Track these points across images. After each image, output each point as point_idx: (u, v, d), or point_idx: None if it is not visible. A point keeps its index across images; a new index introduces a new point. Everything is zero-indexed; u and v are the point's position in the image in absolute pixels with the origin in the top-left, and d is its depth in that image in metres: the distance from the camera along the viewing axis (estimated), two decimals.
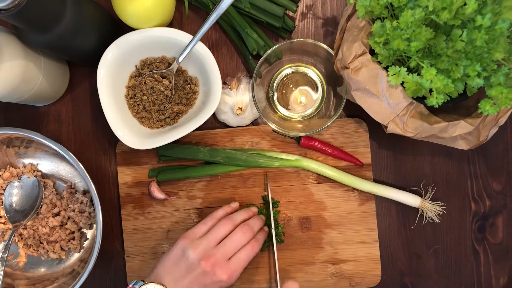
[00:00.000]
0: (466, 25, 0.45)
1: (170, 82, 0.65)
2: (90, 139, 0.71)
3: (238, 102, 0.65)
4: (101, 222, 0.61)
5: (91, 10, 0.58)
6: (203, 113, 0.62)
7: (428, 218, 0.65)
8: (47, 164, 0.71)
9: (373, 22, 0.51)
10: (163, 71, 0.65)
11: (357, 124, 0.67)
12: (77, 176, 0.71)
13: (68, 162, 0.64)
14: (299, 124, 0.66)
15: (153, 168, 0.69)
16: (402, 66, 0.49)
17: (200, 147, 0.67)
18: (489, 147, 0.67)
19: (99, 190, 0.63)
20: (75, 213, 0.68)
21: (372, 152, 0.68)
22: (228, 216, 0.60)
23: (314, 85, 0.67)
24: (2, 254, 0.63)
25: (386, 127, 0.54)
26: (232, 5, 0.63)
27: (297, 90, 0.67)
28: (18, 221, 0.66)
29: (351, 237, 0.67)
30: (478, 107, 0.47)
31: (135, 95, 0.66)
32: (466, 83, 0.49)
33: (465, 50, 0.46)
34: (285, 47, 0.63)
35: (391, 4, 0.50)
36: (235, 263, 0.55)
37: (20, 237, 0.69)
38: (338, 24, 0.57)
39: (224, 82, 0.68)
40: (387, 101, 0.52)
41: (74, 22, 0.54)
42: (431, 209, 0.64)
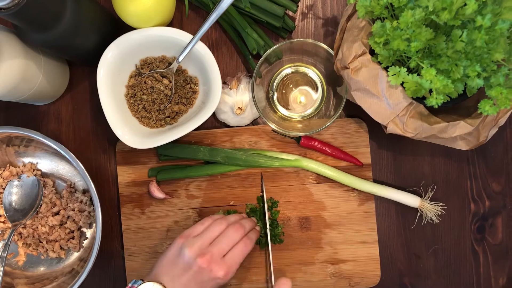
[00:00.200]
0: (466, 26, 0.45)
1: (170, 81, 0.65)
2: (90, 138, 0.71)
3: (238, 102, 0.65)
4: (100, 221, 0.61)
5: (91, 10, 0.58)
6: (203, 112, 0.62)
7: (428, 219, 0.65)
8: (47, 163, 0.71)
9: (373, 22, 0.51)
10: (163, 70, 0.65)
11: (357, 124, 0.67)
12: (76, 175, 0.71)
13: (68, 161, 0.64)
14: (299, 124, 0.66)
15: (153, 167, 0.69)
16: (402, 67, 0.49)
17: (199, 147, 0.67)
18: (488, 147, 0.67)
19: (98, 190, 0.63)
20: (75, 212, 0.68)
21: (371, 152, 0.68)
22: (223, 216, 0.61)
23: (314, 85, 0.67)
24: (1, 253, 0.63)
25: (386, 127, 0.54)
26: (233, 4, 0.63)
27: (297, 90, 0.67)
28: (17, 220, 0.66)
29: (350, 237, 0.67)
30: (478, 108, 0.47)
31: (135, 94, 0.66)
32: (466, 83, 0.49)
33: (465, 50, 0.46)
34: (285, 47, 0.63)
35: (391, 4, 0.50)
36: (230, 259, 0.56)
37: (20, 236, 0.69)
38: (338, 24, 0.57)
39: (224, 82, 0.68)
40: (387, 101, 0.52)
41: (74, 21, 0.54)
42: (431, 210, 0.64)
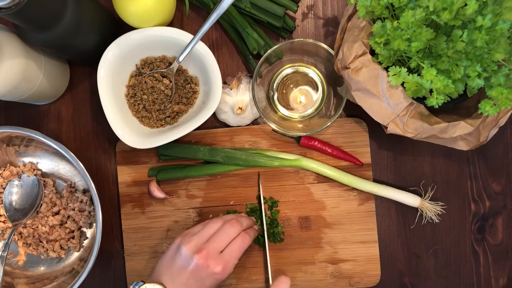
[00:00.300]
0: (467, 26, 0.45)
1: (171, 81, 0.65)
2: (90, 138, 0.71)
3: (238, 102, 0.65)
4: (100, 221, 0.62)
5: (91, 9, 0.58)
6: (203, 112, 0.62)
7: (428, 218, 0.65)
8: (47, 163, 0.71)
9: (374, 22, 0.51)
10: (164, 70, 0.65)
11: (357, 124, 0.67)
12: (77, 175, 0.71)
13: (68, 161, 0.64)
14: (299, 124, 0.66)
15: (153, 167, 0.69)
16: (403, 67, 0.49)
17: (199, 147, 0.67)
18: (489, 147, 0.67)
19: (98, 189, 0.63)
20: (75, 212, 0.68)
21: (372, 152, 0.68)
22: (220, 216, 0.61)
23: (315, 85, 0.67)
24: (1, 253, 0.63)
25: (386, 128, 0.54)
26: (233, 4, 0.63)
27: (297, 90, 0.67)
28: (17, 220, 0.66)
29: (350, 236, 0.67)
30: (478, 108, 0.47)
31: (136, 94, 0.66)
32: (466, 83, 0.49)
33: (465, 50, 0.46)
34: (285, 47, 0.63)
35: (392, 5, 0.50)
36: (228, 254, 0.56)
37: (20, 235, 0.69)
38: (339, 24, 0.57)
39: (225, 82, 0.68)
40: (387, 102, 0.52)
41: (74, 21, 0.54)
42: (431, 209, 0.64)
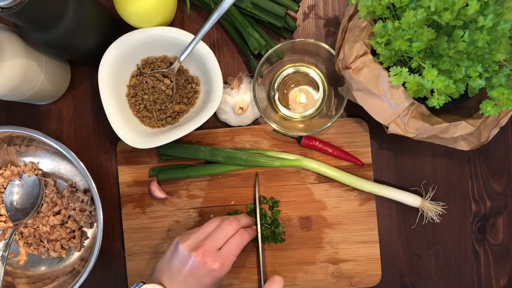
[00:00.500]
0: (468, 26, 0.45)
1: (171, 81, 0.65)
2: (91, 138, 0.71)
3: (239, 102, 0.65)
4: (101, 221, 0.62)
5: (92, 9, 0.58)
6: (204, 112, 0.62)
7: (429, 218, 0.65)
8: (48, 163, 0.71)
9: (375, 23, 0.51)
10: (165, 70, 0.65)
11: (358, 124, 0.67)
12: (77, 175, 0.71)
13: (69, 160, 0.64)
14: (300, 124, 0.66)
15: (154, 167, 0.69)
16: (404, 67, 0.49)
17: (200, 147, 0.67)
18: (490, 148, 0.67)
19: (99, 189, 0.63)
20: (76, 212, 0.68)
21: (372, 152, 0.68)
22: (219, 216, 0.61)
23: (315, 85, 0.67)
24: (2, 253, 0.63)
25: (387, 128, 0.54)
26: (234, 4, 0.63)
27: (298, 90, 0.67)
28: (18, 220, 0.66)
29: (351, 237, 0.67)
30: (479, 108, 0.47)
31: (136, 94, 0.66)
32: (467, 84, 0.49)
33: (466, 51, 0.46)
34: (286, 47, 0.63)
35: (393, 5, 0.50)
36: (225, 251, 0.55)
37: (21, 235, 0.69)
38: (340, 24, 0.57)
39: (225, 82, 0.68)
40: (389, 102, 0.52)
41: (75, 21, 0.54)
42: (432, 209, 0.64)
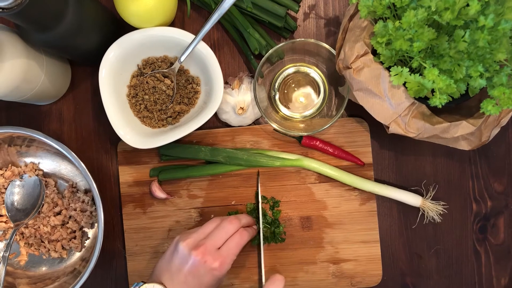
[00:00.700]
0: (469, 26, 0.45)
1: (172, 81, 0.65)
2: (92, 138, 0.71)
3: (240, 102, 0.65)
4: (102, 221, 0.62)
5: (93, 9, 0.58)
6: (205, 112, 0.62)
7: (429, 218, 0.65)
8: (49, 163, 0.71)
9: (376, 22, 0.51)
10: (165, 70, 0.65)
11: (359, 124, 0.67)
12: (78, 175, 0.71)
13: (70, 161, 0.64)
14: (301, 124, 0.66)
15: (154, 167, 0.69)
16: (404, 67, 0.49)
17: (201, 147, 0.67)
18: (491, 147, 0.67)
19: (100, 189, 0.63)
20: (77, 212, 0.68)
21: (373, 151, 0.68)
22: (220, 216, 0.61)
23: (316, 85, 0.67)
24: (3, 253, 0.63)
25: (388, 127, 0.54)
26: (234, 4, 0.63)
27: (298, 90, 0.67)
28: (19, 220, 0.66)
29: (352, 236, 0.67)
30: (480, 108, 0.47)
31: (137, 94, 0.66)
32: (468, 83, 0.49)
33: (467, 50, 0.46)
34: (287, 47, 0.63)
35: (394, 4, 0.50)
36: (225, 251, 0.55)
37: (22, 236, 0.69)
38: (340, 24, 0.57)
39: (226, 82, 0.68)
40: (389, 101, 0.52)
41: (76, 21, 0.54)
42: (432, 209, 0.64)
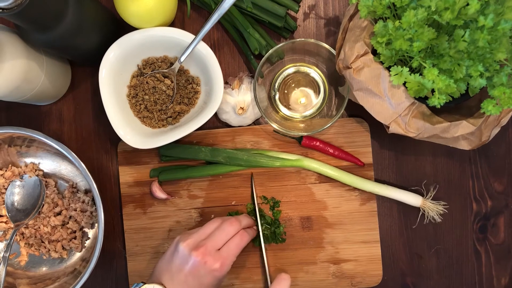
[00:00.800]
0: (469, 26, 0.45)
1: (172, 81, 0.65)
2: (92, 138, 0.71)
3: (240, 102, 0.65)
4: (102, 221, 0.62)
5: (93, 10, 0.58)
6: (205, 112, 0.62)
7: (430, 218, 0.65)
8: (49, 163, 0.71)
9: (375, 22, 0.51)
10: (165, 70, 0.65)
11: (359, 124, 0.67)
12: (78, 176, 0.71)
13: (70, 161, 0.64)
14: (301, 124, 0.66)
15: (155, 168, 0.69)
16: (404, 66, 0.49)
17: (201, 147, 0.67)
18: (491, 147, 0.67)
19: (100, 190, 0.63)
20: (77, 213, 0.68)
21: (373, 151, 0.68)
22: (220, 217, 0.61)
23: (316, 85, 0.67)
24: (4, 253, 0.64)
25: (388, 127, 0.54)
26: (234, 4, 0.63)
27: (298, 90, 0.67)
28: (19, 220, 0.66)
29: (352, 236, 0.67)
30: (480, 107, 0.47)
31: (137, 94, 0.66)
32: (468, 83, 0.49)
33: (467, 50, 0.46)
34: (287, 47, 0.63)
35: (394, 4, 0.50)
36: (225, 251, 0.55)
37: (22, 236, 0.69)
38: (340, 24, 0.57)
39: (226, 82, 0.68)
40: (389, 101, 0.52)
41: (76, 21, 0.54)
42: (433, 209, 0.64)
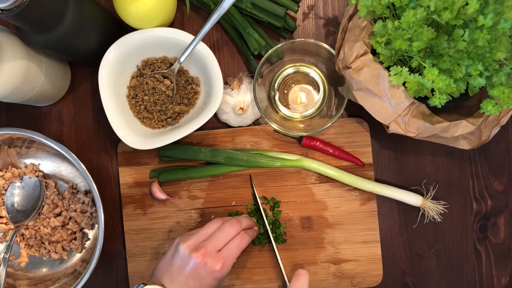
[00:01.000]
0: (468, 25, 0.45)
1: (172, 82, 0.65)
2: (92, 139, 0.71)
3: (239, 102, 0.65)
4: (102, 222, 0.61)
5: (92, 10, 0.58)
6: (205, 113, 0.62)
7: (430, 218, 0.65)
8: (49, 164, 0.71)
9: (375, 22, 0.51)
10: (165, 71, 0.65)
11: (359, 124, 0.67)
12: (78, 176, 0.71)
13: (70, 162, 0.64)
14: (301, 124, 0.66)
15: (155, 168, 0.69)
16: (404, 66, 0.49)
17: (201, 148, 0.67)
18: (490, 146, 0.67)
19: (100, 190, 0.63)
20: (77, 213, 0.68)
21: (373, 151, 0.68)
22: (221, 218, 0.61)
23: (316, 85, 0.67)
24: (4, 255, 0.63)
25: (388, 127, 0.54)
26: (234, 5, 0.63)
27: (298, 90, 0.67)
28: (19, 222, 0.66)
29: (352, 236, 0.67)
30: (480, 107, 0.47)
31: (137, 95, 0.66)
32: (468, 83, 0.49)
33: (467, 50, 0.46)
34: (286, 47, 0.63)
35: (393, 4, 0.50)
36: (226, 253, 0.55)
37: (22, 237, 0.69)
38: (340, 24, 0.57)
39: (226, 82, 0.68)
40: (389, 101, 0.52)
41: (75, 22, 0.54)
42: (433, 208, 0.64)
